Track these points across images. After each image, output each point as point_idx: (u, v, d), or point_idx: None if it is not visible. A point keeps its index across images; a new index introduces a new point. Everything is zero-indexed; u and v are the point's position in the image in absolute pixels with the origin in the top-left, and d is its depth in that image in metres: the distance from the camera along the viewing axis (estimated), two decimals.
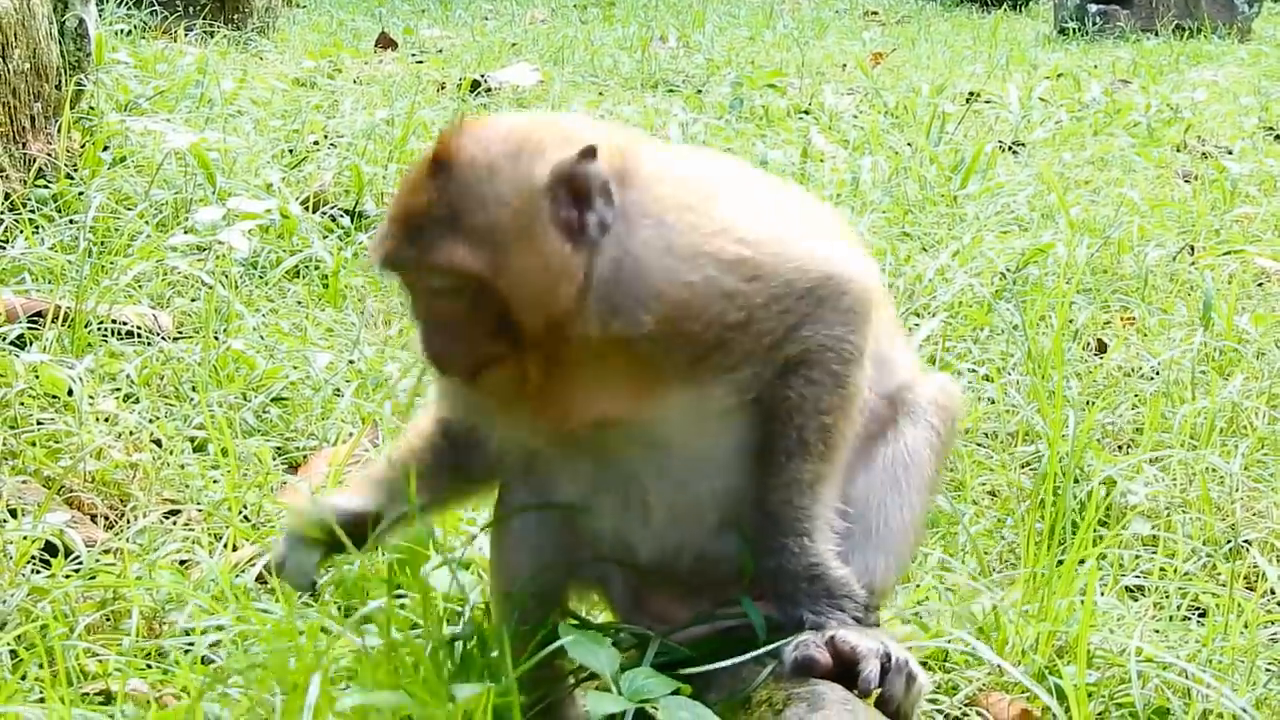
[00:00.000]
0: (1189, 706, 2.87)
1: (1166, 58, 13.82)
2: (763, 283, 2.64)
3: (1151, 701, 2.91)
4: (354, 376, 4.28)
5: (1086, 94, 10.62)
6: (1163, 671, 2.95)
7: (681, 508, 2.82)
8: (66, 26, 6.17)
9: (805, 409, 2.70)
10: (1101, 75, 11.98)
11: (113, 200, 5.32)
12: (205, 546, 3.30)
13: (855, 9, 19.29)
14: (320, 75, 9.67)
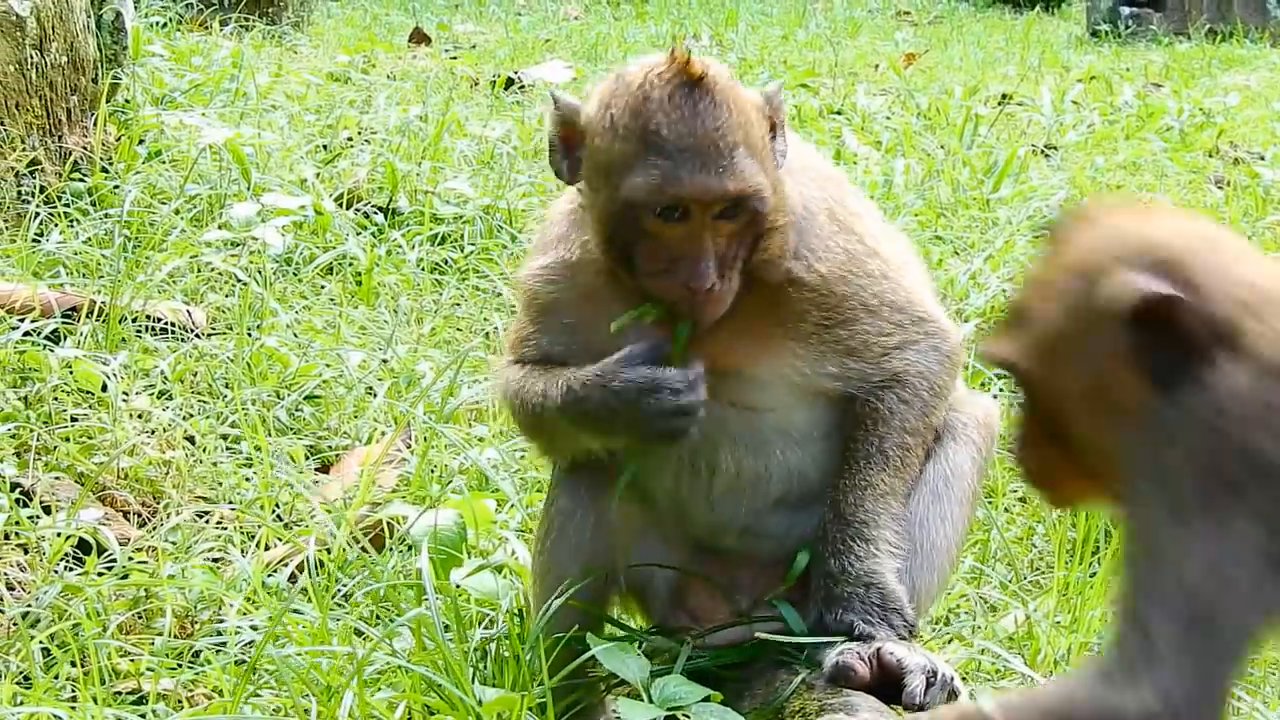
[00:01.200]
0: None
1: (1199, 61, 13.75)
2: (891, 283, 2.80)
3: None
4: (387, 375, 4.27)
5: (1119, 97, 10.56)
6: None
7: (747, 476, 2.87)
8: (103, 19, 6.16)
9: (892, 423, 2.79)
10: (1134, 78, 11.90)
11: (148, 195, 5.31)
12: (238, 545, 3.29)
13: (888, 9, 19.22)
14: (354, 70, 9.64)
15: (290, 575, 3.19)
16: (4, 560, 3.05)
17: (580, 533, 2.87)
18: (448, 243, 5.59)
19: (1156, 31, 15.92)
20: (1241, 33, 15.86)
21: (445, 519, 3.17)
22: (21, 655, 2.75)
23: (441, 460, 3.75)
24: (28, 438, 3.51)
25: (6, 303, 4.12)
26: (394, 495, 3.57)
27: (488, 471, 3.58)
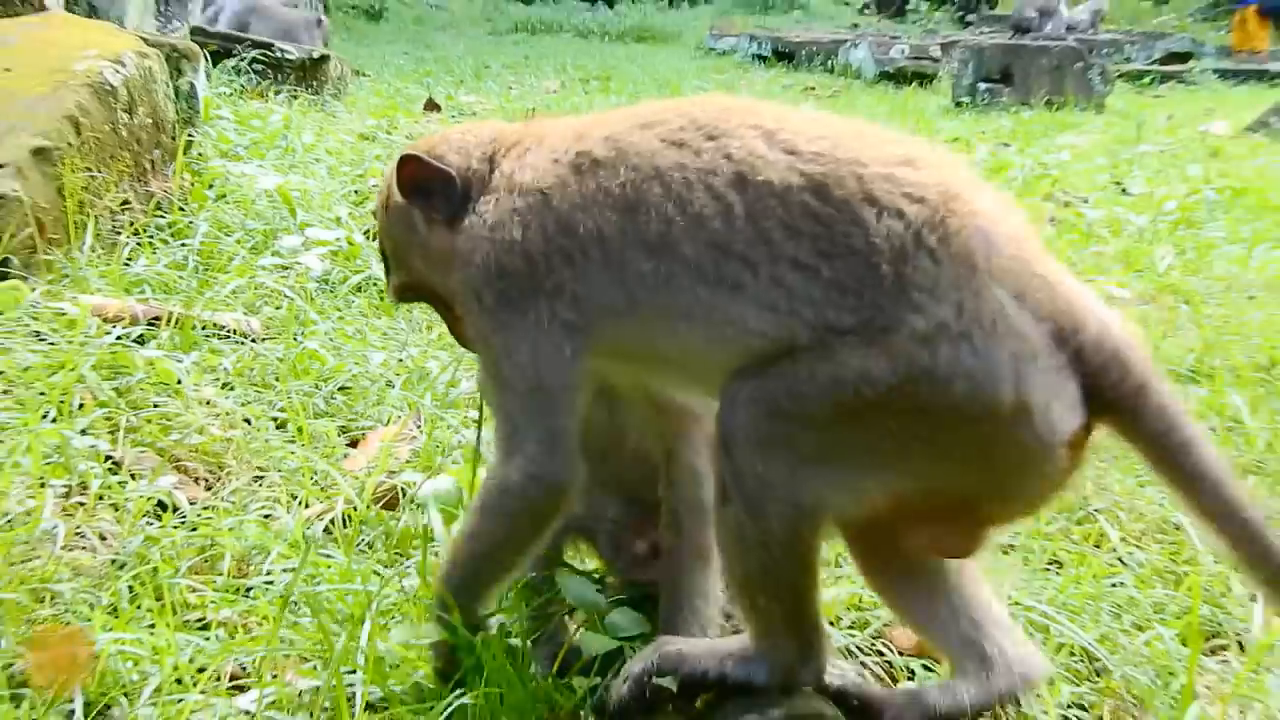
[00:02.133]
0: (1048, 641, 2.87)
1: (1039, 126, 13.82)
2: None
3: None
4: (402, 371, 4.28)
5: (976, 154, 10.61)
6: (1027, 613, 2.95)
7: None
8: (180, 89, 6.15)
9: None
10: (988, 139, 11.97)
11: (215, 229, 5.30)
12: (283, 505, 3.29)
13: (798, 85, 19.27)
14: (380, 131, 9.60)
15: (324, 528, 3.19)
16: (98, 516, 3.05)
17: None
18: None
19: (1006, 102, 15.99)
20: (1072, 103, 15.95)
21: (446, 483, 3.18)
22: (111, 592, 2.74)
23: (445, 438, 3.75)
24: (119, 419, 3.50)
25: (103, 313, 4.11)
26: (406, 465, 3.58)
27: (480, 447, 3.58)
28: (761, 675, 2.34)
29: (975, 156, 10.51)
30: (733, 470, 2.19)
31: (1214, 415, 4.36)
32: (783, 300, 2.14)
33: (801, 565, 2.27)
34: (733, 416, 2.19)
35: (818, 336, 2.12)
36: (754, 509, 2.20)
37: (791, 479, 2.19)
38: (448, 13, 33.10)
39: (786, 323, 2.14)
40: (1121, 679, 2.77)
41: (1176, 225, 7.68)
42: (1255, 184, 9.48)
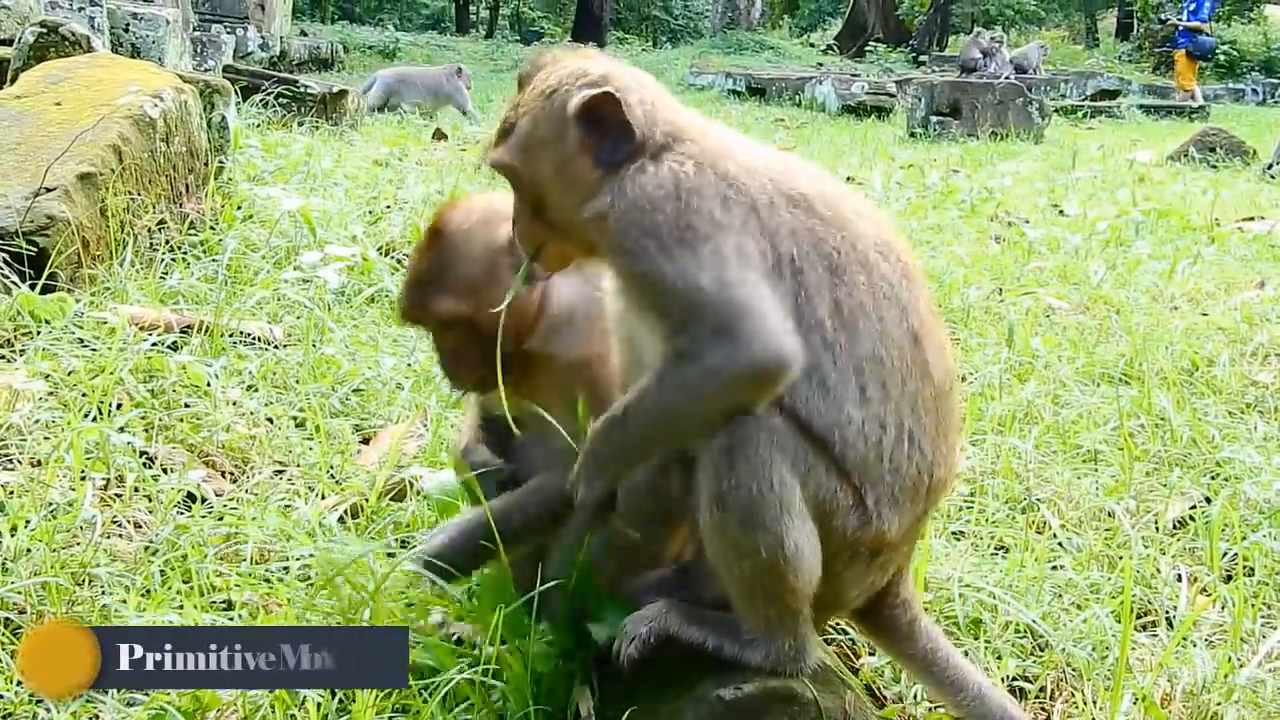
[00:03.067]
0: (995, 619, 2.85)
1: (984, 154, 13.83)
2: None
3: (969, 615, 2.88)
4: (411, 375, 4.23)
5: (928, 179, 10.60)
6: (976, 593, 2.93)
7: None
8: (213, 121, 6.10)
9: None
10: (939, 166, 11.96)
11: (243, 246, 5.24)
12: (302, 496, 3.25)
13: (769, 118, 19.28)
14: (393, 158, 9.57)
15: (339, 517, 3.15)
16: (133, 506, 3.00)
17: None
18: None
19: (955, 133, 16.00)
20: (1015, 134, 15.98)
21: (448, 478, 3.13)
22: (145, 575, 2.70)
23: (449, 435, 3.70)
24: (154, 418, 3.46)
25: (141, 322, 4.06)
26: (414, 460, 3.53)
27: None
28: (755, 658, 2.28)
29: (928, 181, 10.49)
30: (734, 481, 2.14)
31: (1142, 414, 4.34)
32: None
33: (794, 576, 2.22)
34: (745, 429, 2.15)
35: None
36: (750, 520, 2.15)
37: (791, 498, 2.17)
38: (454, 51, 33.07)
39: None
40: (1062, 653, 2.74)
41: (1107, 243, 7.67)
42: (1177, 207, 9.49)
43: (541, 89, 2.29)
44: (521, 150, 2.26)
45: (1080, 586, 3.06)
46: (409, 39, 34.29)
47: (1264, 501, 3.63)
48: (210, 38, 21.14)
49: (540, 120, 2.26)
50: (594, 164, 2.23)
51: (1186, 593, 3.08)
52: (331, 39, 29.40)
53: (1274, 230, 8.67)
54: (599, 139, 2.23)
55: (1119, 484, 3.75)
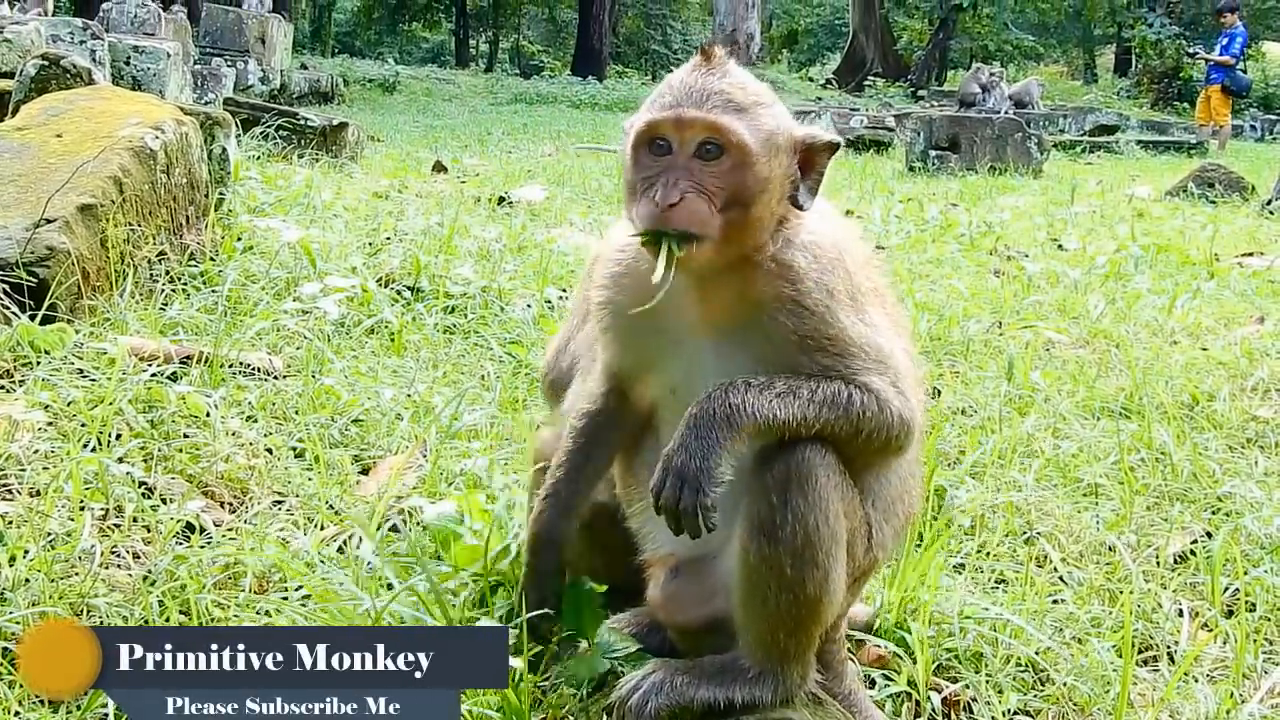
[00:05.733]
0: (996, 652, 2.84)
1: (983, 189, 13.88)
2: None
3: (970, 649, 2.87)
4: (410, 406, 4.23)
5: (928, 213, 10.64)
6: (978, 626, 2.92)
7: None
8: (213, 153, 6.13)
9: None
10: (938, 200, 12.01)
11: (243, 277, 5.26)
12: (300, 527, 3.24)
13: None
14: (393, 190, 9.61)
15: (338, 548, 3.14)
16: (131, 536, 3.00)
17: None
18: (456, 312, 5.56)
19: (954, 167, 16.07)
20: (1013, 168, 16.05)
21: (447, 509, 3.13)
22: (143, 605, 2.69)
23: (448, 466, 3.71)
24: (153, 449, 3.45)
25: (140, 353, 4.07)
26: (413, 491, 3.53)
27: (479, 474, 3.55)
28: (766, 696, 2.28)
29: (927, 215, 10.54)
30: (791, 514, 2.14)
31: (1142, 448, 4.34)
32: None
33: (829, 608, 2.24)
34: (806, 461, 2.17)
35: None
36: (803, 554, 2.16)
37: (840, 531, 2.20)
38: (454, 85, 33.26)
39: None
40: (1063, 688, 2.74)
41: (1107, 278, 7.70)
42: (1176, 242, 9.53)
43: (764, 90, 2.24)
44: (763, 138, 2.15)
45: (1081, 620, 3.05)
46: (409, 72, 34.46)
47: (1265, 536, 3.64)
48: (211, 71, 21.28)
49: (780, 123, 2.21)
50: (785, 197, 2.22)
51: (1188, 628, 3.08)
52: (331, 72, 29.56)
53: (1273, 266, 8.70)
54: (805, 174, 2.23)
55: (1119, 518, 3.75)
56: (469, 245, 6.99)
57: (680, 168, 2.13)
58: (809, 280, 2.19)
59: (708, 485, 2.09)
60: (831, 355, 2.20)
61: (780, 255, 2.20)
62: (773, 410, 2.13)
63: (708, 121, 2.12)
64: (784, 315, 2.18)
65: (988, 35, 37.72)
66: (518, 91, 32.86)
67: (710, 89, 2.15)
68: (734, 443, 2.12)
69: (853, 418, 2.18)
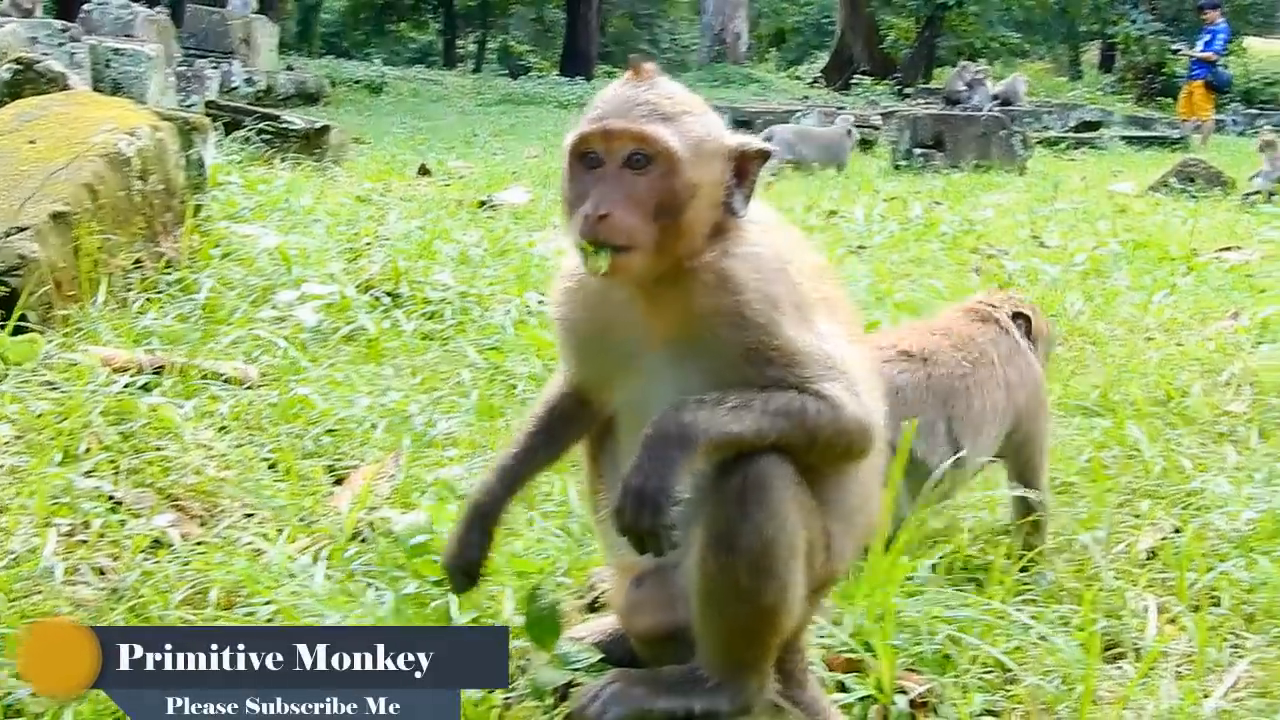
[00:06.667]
0: (962, 652, 2.84)
1: (967, 187, 13.89)
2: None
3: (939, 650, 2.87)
4: (386, 415, 4.22)
5: (911, 212, 10.66)
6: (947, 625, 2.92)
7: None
8: (190, 158, 6.11)
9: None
10: (922, 198, 12.02)
11: (220, 284, 5.25)
12: (271, 539, 3.22)
13: None
14: (376, 194, 9.61)
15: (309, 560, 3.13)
16: (99, 551, 2.99)
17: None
18: (435, 318, 5.55)
19: (939, 165, 16.08)
20: (997, 166, 16.07)
21: (418, 519, 3.12)
22: (107, 623, 2.68)
23: (421, 475, 3.70)
24: (121, 461, 3.45)
25: (112, 363, 4.06)
26: (385, 502, 3.52)
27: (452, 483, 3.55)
28: (724, 706, 2.29)
29: (911, 213, 10.55)
30: (748, 524, 2.15)
31: (1115, 445, 4.35)
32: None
33: (787, 618, 2.25)
34: (764, 470, 2.18)
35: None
36: (760, 564, 2.17)
37: (798, 542, 2.21)
38: (441, 86, 33.22)
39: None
40: (1029, 686, 2.74)
41: (1086, 275, 7.72)
42: (1156, 237, 9.55)
43: (693, 99, 2.25)
44: (692, 145, 2.16)
45: (1049, 619, 3.06)
46: (396, 73, 34.41)
47: (1232, 531, 3.65)
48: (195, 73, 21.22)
49: (710, 131, 2.22)
50: (718, 206, 2.22)
51: (1155, 624, 3.09)
52: (318, 74, 29.50)
53: (1250, 260, 8.73)
54: (740, 178, 2.23)
55: (1091, 515, 3.75)
56: (450, 250, 6.98)
57: (611, 179, 2.15)
58: (750, 291, 2.19)
59: (666, 505, 2.10)
60: (780, 366, 2.20)
61: (721, 266, 2.20)
62: (726, 426, 2.13)
63: (634, 131, 2.13)
64: (728, 327, 2.18)
65: (974, 33, 37.76)
66: (505, 92, 32.82)
67: (637, 100, 2.17)
68: (690, 462, 2.13)
69: (808, 426, 2.18)
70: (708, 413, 2.14)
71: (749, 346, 2.19)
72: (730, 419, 2.14)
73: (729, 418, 2.14)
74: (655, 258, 2.15)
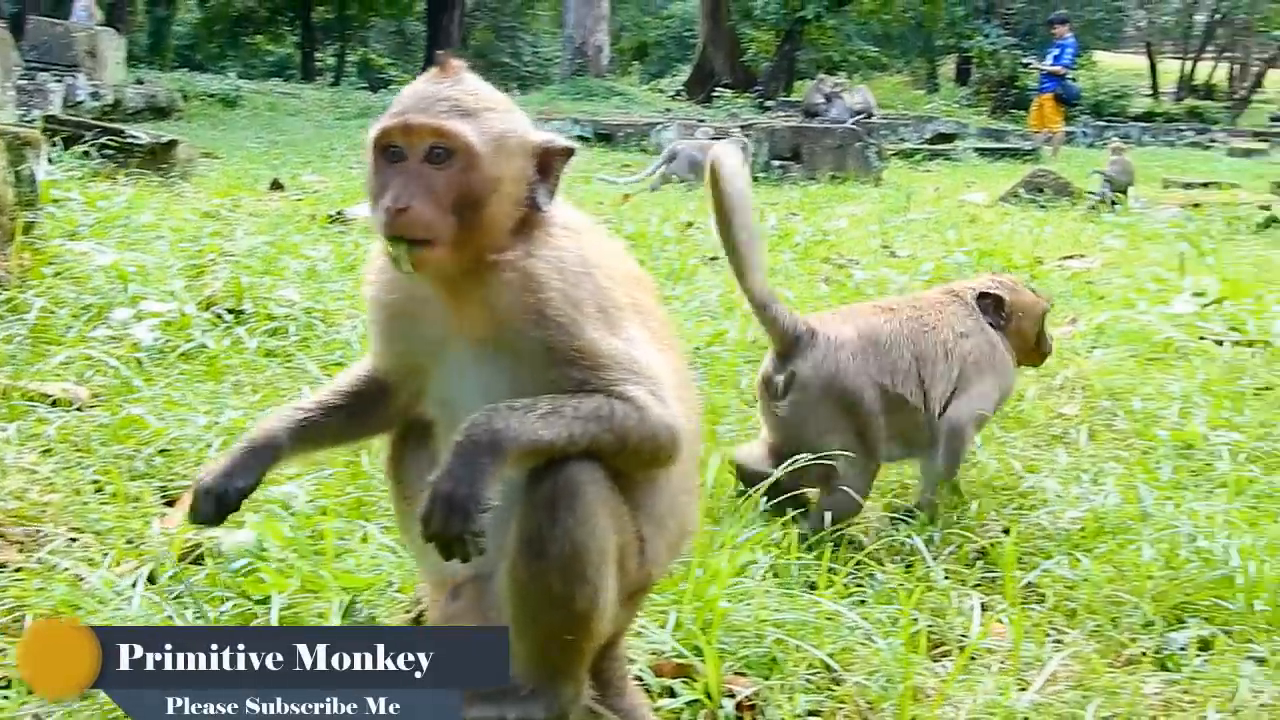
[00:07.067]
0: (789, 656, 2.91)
1: (823, 198, 14.17)
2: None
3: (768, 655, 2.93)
4: (222, 433, 4.15)
5: (767, 223, 10.80)
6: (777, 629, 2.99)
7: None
8: (21, 174, 5.93)
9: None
10: (779, 210, 12.22)
11: (52, 304, 5.11)
12: (96, 564, 3.15)
13: (615, 163, 19.47)
14: (224, 210, 9.43)
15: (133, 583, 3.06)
16: None
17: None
18: (278, 334, 5.48)
19: (796, 177, 16.38)
20: (854, 178, 16.42)
21: (246, 538, 3.10)
22: None
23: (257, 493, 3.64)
24: None
25: None
26: None
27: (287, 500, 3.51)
28: (539, 712, 2.31)
29: (766, 225, 10.70)
30: (558, 530, 2.18)
31: None
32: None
33: (600, 623, 2.28)
34: (573, 477, 2.20)
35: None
36: (571, 570, 2.20)
37: (609, 547, 2.24)
38: (299, 99, 32.73)
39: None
40: (854, 686, 2.82)
41: (930, 283, 7.91)
42: (1003, 246, 9.87)
43: (497, 95, 2.29)
44: (492, 140, 2.20)
45: (877, 619, 3.15)
46: (252, 87, 33.80)
47: (1057, 530, 3.80)
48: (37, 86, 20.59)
49: (512, 124, 2.26)
50: (521, 202, 2.25)
51: (978, 621, 3.20)
52: (170, 87, 28.82)
53: (1091, 267, 9.08)
54: (538, 182, 2.27)
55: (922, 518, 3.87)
56: (298, 265, 6.90)
57: (411, 173, 2.17)
58: (551, 290, 2.23)
59: (476, 512, 2.11)
60: (584, 368, 2.23)
61: (525, 265, 2.24)
62: (538, 433, 2.16)
63: (433, 126, 2.16)
64: (531, 326, 2.22)
65: (833, 46, 38.50)
66: (365, 105, 32.44)
67: (439, 96, 2.21)
68: (501, 468, 2.15)
69: (617, 430, 2.22)
70: (519, 419, 2.16)
71: (551, 346, 2.23)
72: (541, 425, 2.17)
73: (540, 424, 2.17)
74: (455, 252, 2.18)
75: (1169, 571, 3.52)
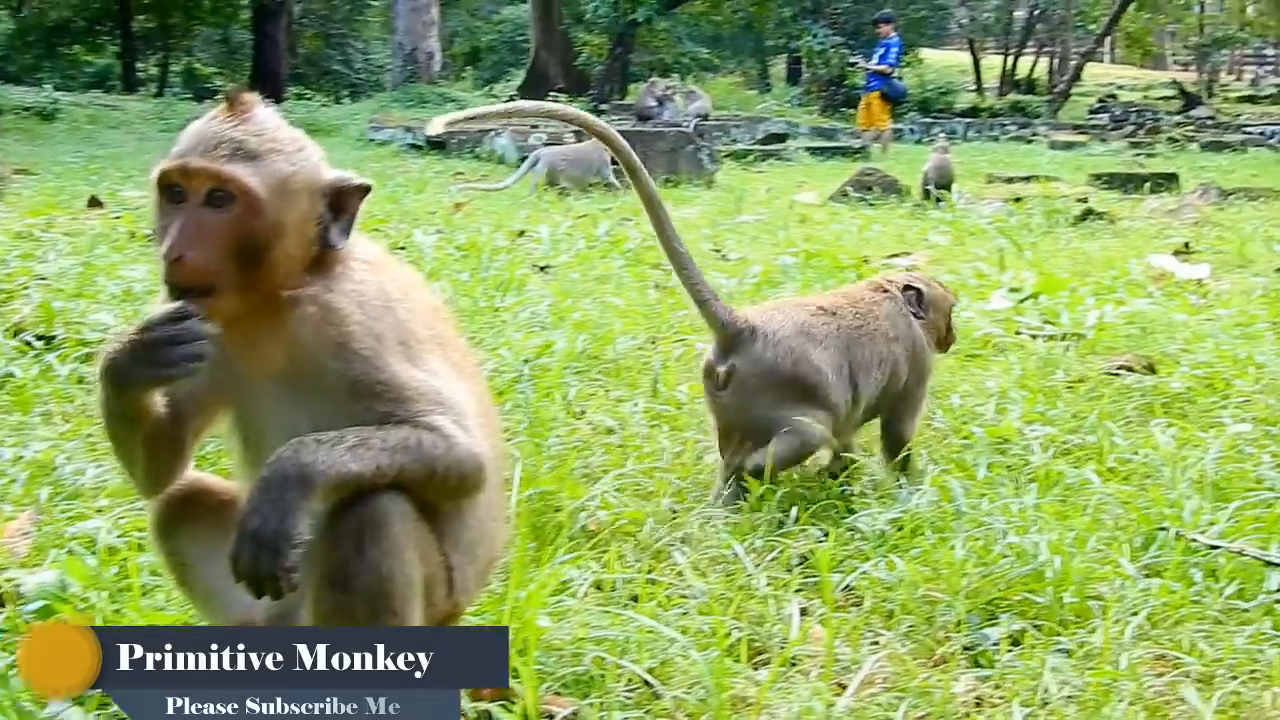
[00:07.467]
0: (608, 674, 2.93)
1: None
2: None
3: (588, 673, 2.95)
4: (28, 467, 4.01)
5: (599, 230, 10.83)
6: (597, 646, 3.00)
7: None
8: None
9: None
10: (612, 216, 12.23)
11: None
12: None
13: (448, 171, 19.31)
14: (38, 230, 9.10)
15: None
16: None
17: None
18: (91, 360, 5.28)
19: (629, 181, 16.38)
20: (687, 180, 16.59)
21: (48, 578, 3.00)
22: None
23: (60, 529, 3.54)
24: None
25: None
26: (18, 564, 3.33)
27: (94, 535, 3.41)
28: None
29: (598, 231, 10.73)
30: (365, 563, 2.17)
31: None
32: None
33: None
34: (380, 509, 2.20)
35: None
36: (377, 602, 2.20)
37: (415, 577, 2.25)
38: (121, 112, 31.66)
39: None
40: (672, 700, 2.85)
41: (759, 286, 8.05)
42: (831, 246, 10.07)
43: (286, 135, 2.24)
44: (275, 184, 2.17)
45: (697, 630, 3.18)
46: (70, 99, 32.55)
47: (871, 533, 3.89)
48: None
49: (300, 165, 2.23)
50: (313, 241, 2.24)
51: (796, 627, 3.26)
52: None
53: (916, 264, 9.33)
54: (330, 221, 2.25)
55: (742, 524, 3.94)
56: (114, 287, 6.70)
57: (191, 216, 2.14)
58: (353, 324, 2.23)
59: (286, 548, 2.10)
60: (388, 401, 2.24)
61: (324, 300, 2.23)
62: (346, 465, 2.15)
63: (211, 170, 2.14)
64: (333, 360, 2.22)
65: (665, 49, 38.81)
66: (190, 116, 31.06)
67: (223, 137, 2.18)
68: (310, 502, 2.14)
69: (425, 460, 2.22)
70: (326, 452, 2.15)
71: (355, 379, 2.23)
72: (350, 457, 2.16)
73: (348, 456, 2.16)
74: (238, 297, 2.17)
75: (982, 568, 3.62)
